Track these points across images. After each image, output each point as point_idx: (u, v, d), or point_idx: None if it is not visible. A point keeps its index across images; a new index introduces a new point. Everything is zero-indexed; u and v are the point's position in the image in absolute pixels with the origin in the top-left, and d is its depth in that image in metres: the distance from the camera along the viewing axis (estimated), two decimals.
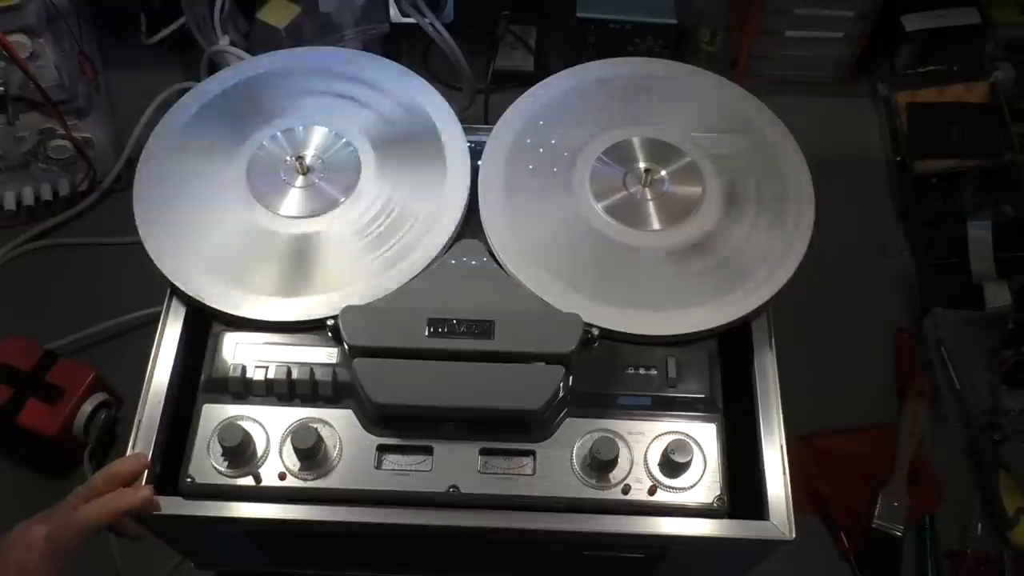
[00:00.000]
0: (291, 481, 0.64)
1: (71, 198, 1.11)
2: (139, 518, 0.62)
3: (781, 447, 0.65)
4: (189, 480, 0.64)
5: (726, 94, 0.79)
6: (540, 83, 0.80)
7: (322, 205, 0.73)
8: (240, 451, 0.63)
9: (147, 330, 0.78)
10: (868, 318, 1.05)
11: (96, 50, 1.17)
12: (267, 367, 0.66)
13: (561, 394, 0.64)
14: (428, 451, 0.65)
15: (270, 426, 0.65)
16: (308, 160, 0.74)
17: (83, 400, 0.91)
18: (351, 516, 0.63)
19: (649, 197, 0.73)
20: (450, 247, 0.71)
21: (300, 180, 0.74)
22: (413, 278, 0.69)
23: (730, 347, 0.69)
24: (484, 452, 0.65)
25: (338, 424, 0.66)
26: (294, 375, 0.66)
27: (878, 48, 1.20)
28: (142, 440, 0.65)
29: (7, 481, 0.95)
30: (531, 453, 0.65)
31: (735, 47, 1.22)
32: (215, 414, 0.66)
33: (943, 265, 1.04)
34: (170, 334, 0.69)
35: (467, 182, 0.74)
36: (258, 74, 0.80)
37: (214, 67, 1.07)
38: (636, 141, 0.76)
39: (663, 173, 0.74)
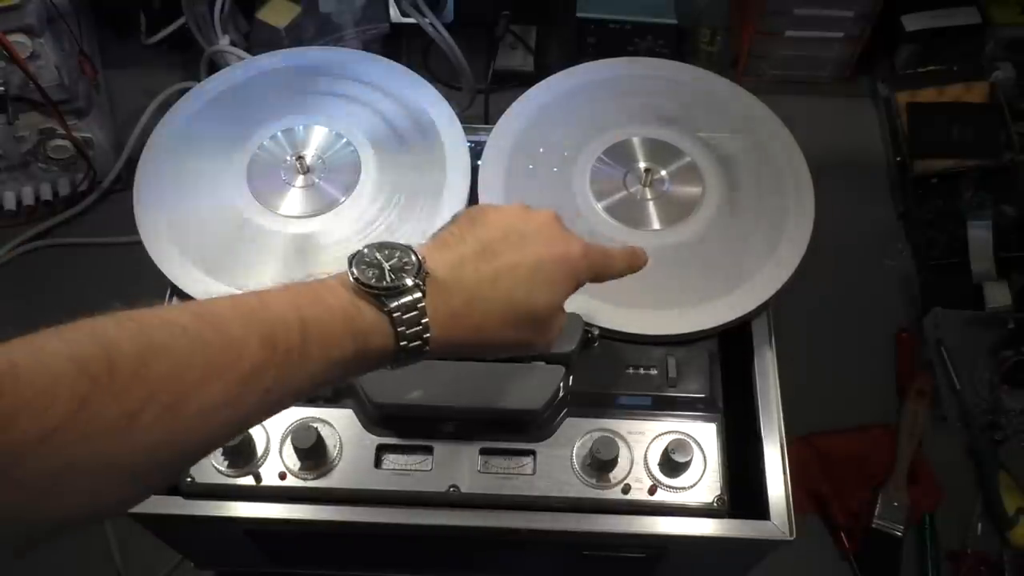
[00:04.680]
0: (291, 481, 0.64)
1: (71, 198, 1.11)
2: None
3: (781, 447, 0.65)
4: (189, 480, 0.64)
5: (726, 94, 0.79)
6: (540, 83, 0.80)
7: (322, 205, 0.73)
8: (240, 451, 0.63)
9: None
10: (868, 318, 1.05)
11: (96, 50, 1.17)
12: None
13: (561, 394, 0.64)
14: (428, 451, 0.65)
15: (270, 426, 0.65)
16: (308, 160, 0.74)
17: None
18: (351, 516, 0.63)
19: (649, 197, 0.73)
20: None
21: (300, 180, 0.74)
22: None
23: (730, 347, 0.69)
24: (484, 452, 0.65)
25: (338, 424, 0.65)
26: None
27: (878, 48, 1.20)
28: None
29: None
30: (531, 453, 0.65)
31: (735, 47, 1.22)
32: None
33: (943, 265, 1.04)
34: None
35: (467, 182, 0.74)
36: (258, 74, 0.81)
37: (214, 67, 1.07)
38: (636, 141, 0.76)
39: (663, 173, 0.74)
